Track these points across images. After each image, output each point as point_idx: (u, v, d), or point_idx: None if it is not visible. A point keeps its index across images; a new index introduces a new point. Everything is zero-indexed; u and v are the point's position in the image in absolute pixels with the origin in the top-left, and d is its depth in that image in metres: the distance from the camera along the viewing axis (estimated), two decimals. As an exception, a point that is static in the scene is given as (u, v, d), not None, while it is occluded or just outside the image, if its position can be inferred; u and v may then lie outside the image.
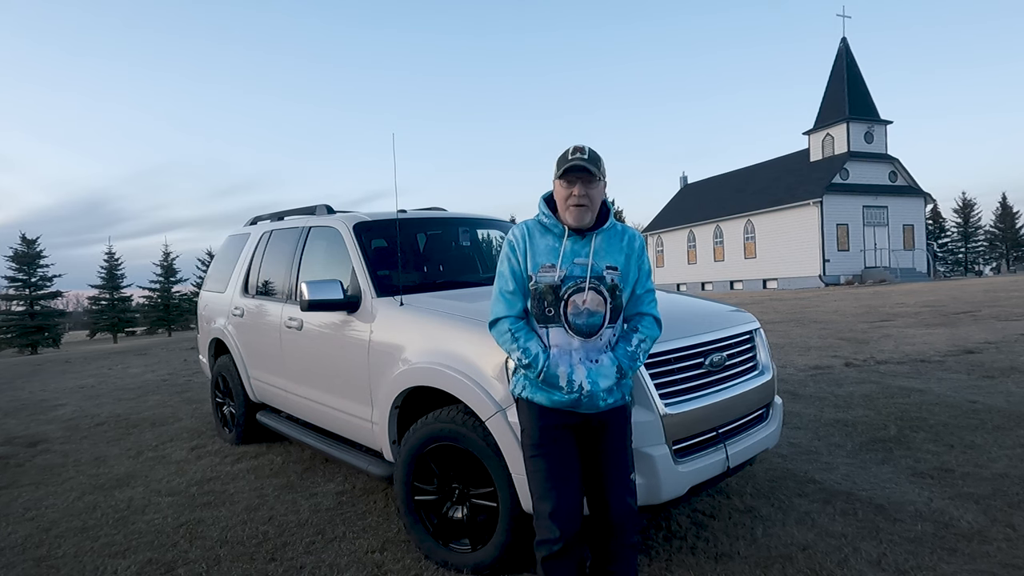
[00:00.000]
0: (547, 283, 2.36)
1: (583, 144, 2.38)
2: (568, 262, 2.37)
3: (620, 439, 2.47)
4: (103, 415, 7.60)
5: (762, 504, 3.75)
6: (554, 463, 2.39)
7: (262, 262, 5.36)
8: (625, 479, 2.45)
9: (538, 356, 2.35)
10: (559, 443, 2.40)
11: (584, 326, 2.35)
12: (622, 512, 2.42)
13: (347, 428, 4.07)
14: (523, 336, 2.39)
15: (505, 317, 2.44)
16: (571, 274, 2.36)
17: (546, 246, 2.41)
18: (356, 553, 3.40)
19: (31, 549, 3.72)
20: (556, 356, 2.36)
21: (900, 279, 29.40)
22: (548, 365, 2.35)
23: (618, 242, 2.46)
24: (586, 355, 2.36)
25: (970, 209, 59.58)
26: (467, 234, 5.00)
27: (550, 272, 2.37)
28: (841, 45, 33.41)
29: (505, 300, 2.45)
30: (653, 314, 2.51)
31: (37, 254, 37.91)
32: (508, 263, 2.46)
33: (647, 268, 2.53)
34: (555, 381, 2.35)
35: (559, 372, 2.35)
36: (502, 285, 2.46)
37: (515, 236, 2.47)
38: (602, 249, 2.41)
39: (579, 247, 2.40)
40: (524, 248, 2.43)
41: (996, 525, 3.33)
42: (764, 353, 3.64)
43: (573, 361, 2.36)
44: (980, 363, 7.49)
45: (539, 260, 2.39)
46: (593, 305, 2.35)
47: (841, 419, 5.44)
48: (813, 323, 12.76)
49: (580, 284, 2.35)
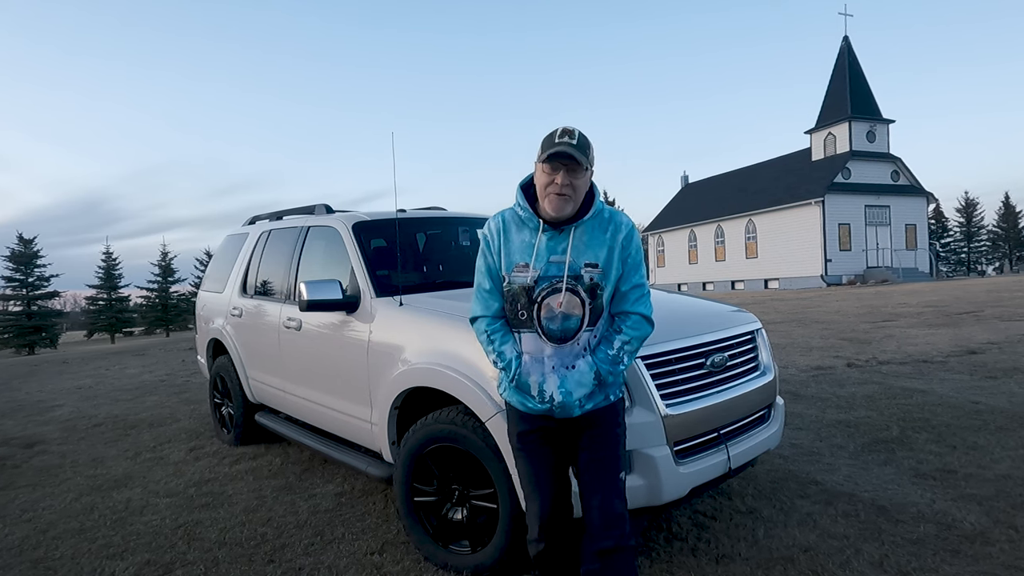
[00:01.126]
0: (520, 284, 2.22)
1: (573, 127, 2.15)
2: (543, 261, 2.20)
3: (604, 439, 2.32)
4: (101, 416, 7.59)
5: (764, 505, 3.73)
6: (534, 463, 2.34)
7: (260, 262, 5.35)
8: (608, 481, 2.28)
9: (511, 362, 2.26)
10: (538, 445, 2.34)
11: (558, 331, 2.20)
12: (609, 516, 2.25)
13: (346, 429, 4.05)
14: (498, 339, 2.29)
15: (482, 317, 2.34)
16: (545, 274, 2.20)
17: (521, 242, 2.24)
18: (355, 555, 3.38)
19: (28, 551, 3.70)
20: (528, 364, 2.25)
21: (902, 279, 29.36)
22: (519, 373, 2.25)
23: (601, 234, 2.23)
24: (560, 362, 2.23)
25: (973, 209, 59.58)
26: (467, 234, 4.98)
27: (523, 272, 2.21)
28: (843, 43, 33.37)
29: (482, 299, 2.34)
30: (640, 312, 2.28)
31: (34, 254, 37.82)
32: (484, 259, 2.33)
33: (636, 260, 2.28)
34: (527, 389, 2.26)
35: (530, 381, 2.24)
36: (479, 282, 2.35)
37: (490, 230, 2.31)
38: (581, 244, 2.21)
39: (555, 243, 2.21)
40: (499, 245, 2.28)
41: (999, 526, 3.31)
42: (766, 353, 3.62)
43: (545, 370, 2.23)
44: (983, 364, 7.46)
45: (513, 259, 2.24)
46: (569, 308, 2.18)
47: (843, 420, 5.42)
48: (815, 323, 12.72)
49: (555, 284, 2.18)
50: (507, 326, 2.32)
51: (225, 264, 6.04)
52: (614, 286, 2.26)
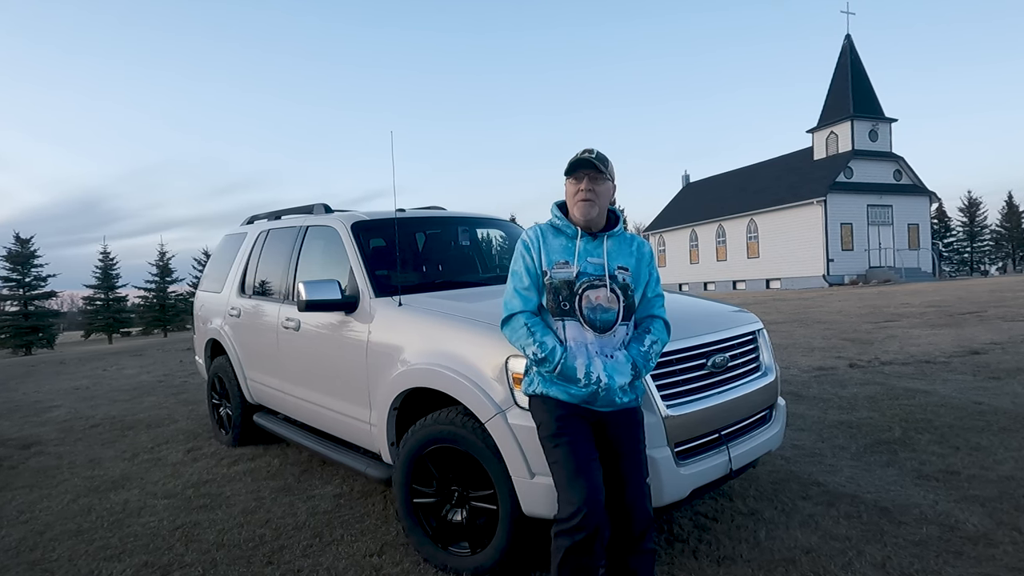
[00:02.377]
0: (562, 278, 2.44)
1: (593, 147, 2.51)
2: (582, 260, 2.46)
3: (635, 441, 2.48)
4: (98, 417, 7.57)
5: (765, 507, 3.71)
6: (578, 448, 2.38)
7: (259, 262, 5.33)
8: (643, 483, 2.46)
9: (555, 349, 2.39)
10: (578, 430, 2.40)
11: (598, 321, 2.41)
12: (644, 519, 2.43)
13: (345, 430, 4.03)
14: (539, 330, 2.43)
15: (521, 312, 2.48)
16: (584, 271, 2.44)
17: (560, 245, 2.50)
18: (354, 556, 3.36)
19: (25, 552, 3.68)
20: (573, 349, 2.41)
21: (905, 279, 29.32)
22: (565, 358, 2.39)
23: (628, 247, 2.55)
24: (601, 350, 2.42)
25: (976, 208, 59.48)
26: (466, 233, 4.96)
27: (565, 268, 2.45)
28: (845, 42, 33.31)
29: (520, 296, 2.50)
30: (663, 317, 2.59)
31: (31, 253, 37.53)
32: (523, 260, 2.53)
33: (656, 275, 2.63)
34: (572, 374, 2.38)
35: (576, 364, 2.38)
36: (516, 283, 2.52)
37: (529, 237, 2.56)
38: (614, 250, 2.51)
39: (592, 247, 2.49)
40: (539, 247, 2.51)
41: (1002, 528, 3.29)
42: (767, 354, 3.60)
43: (590, 354, 2.40)
44: (986, 364, 7.43)
45: (553, 257, 2.48)
46: (606, 302, 2.42)
47: (845, 421, 5.40)
48: (817, 323, 12.70)
49: (594, 281, 2.43)
50: (544, 321, 2.48)
51: (223, 264, 6.02)
52: (642, 291, 2.56)
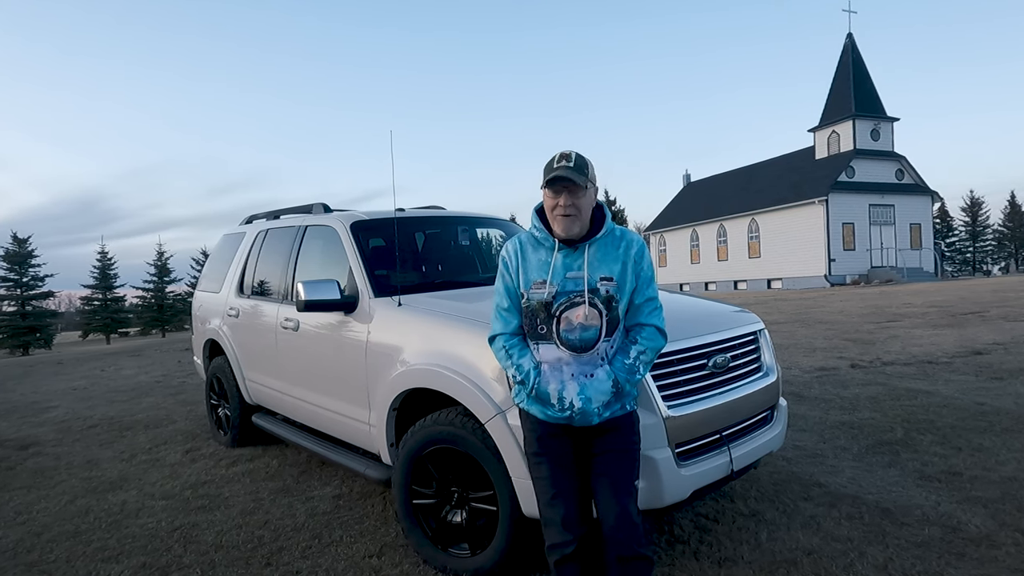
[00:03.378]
0: (538, 300, 2.34)
1: (570, 150, 2.33)
2: (559, 277, 2.34)
3: (621, 447, 2.40)
4: (96, 417, 7.55)
5: (767, 508, 3.69)
6: (556, 468, 2.39)
7: (258, 262, 5.31)
8: (625, 488, 2.37)
9: (529, 373, 2.35)
10: (558, 450, 2.40)
11: (578, 341, 2.32)
12: (617, 523, 2.33)
13: (344, 431, 4.02)
14: (516, 353, 2.39)
15: (501, 334, 2.45)
16: (563, 289, 2.33)
17: (538, 261, 2.39)
18: (353, 558, 3.35)
19: (22, 554, 3.67)
20: (547, 373, 2.35)
21: (907, 279, 29.25)
22: (539, 382, 2.34)
23: (614, 250, 2.39)
24: (579, 370, 2.33)
25: (978, 208, 59.29)
26: (466, 233, 4.95)
27: (540, 289, 2.34)
28: (847, 41, 33.22)
29: (501, 318, 2.46)
30: (655, 324, 2.41)
31: (29, 253, 37.29)
32: (502, 280, 2.46)
33: (648, 275, 2.44)
34: (546, 398, 2.35)
35: (550, 390, 2.34)
36: (498, 302, 2.47)
37: (508, 252, 2.47)
38: (596, 260, 2.36)
39: (571, 260, 2.35)
40: (516, 265, 2.42)
41: (1005, 529, 3.27)
42: (768, 354, 3.58)
43: (564, 377, 2.33)
44: (988, 364, 7.41)
45: (531, 276, 2.38)
46: (587, 320, 2.31)
47: (847, 421, 5.38)
48: (818, 324, 12.67)
49: (573, 299, 2.32)
50: (524, 341, 2.43)
51: (222, 264, 6.01)
52: (628, 299, 2.39)
